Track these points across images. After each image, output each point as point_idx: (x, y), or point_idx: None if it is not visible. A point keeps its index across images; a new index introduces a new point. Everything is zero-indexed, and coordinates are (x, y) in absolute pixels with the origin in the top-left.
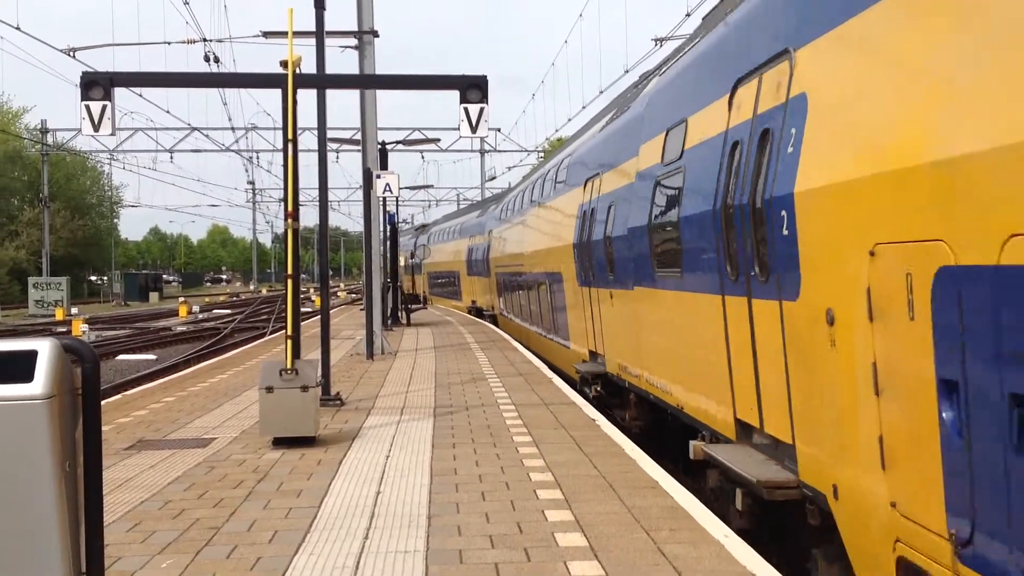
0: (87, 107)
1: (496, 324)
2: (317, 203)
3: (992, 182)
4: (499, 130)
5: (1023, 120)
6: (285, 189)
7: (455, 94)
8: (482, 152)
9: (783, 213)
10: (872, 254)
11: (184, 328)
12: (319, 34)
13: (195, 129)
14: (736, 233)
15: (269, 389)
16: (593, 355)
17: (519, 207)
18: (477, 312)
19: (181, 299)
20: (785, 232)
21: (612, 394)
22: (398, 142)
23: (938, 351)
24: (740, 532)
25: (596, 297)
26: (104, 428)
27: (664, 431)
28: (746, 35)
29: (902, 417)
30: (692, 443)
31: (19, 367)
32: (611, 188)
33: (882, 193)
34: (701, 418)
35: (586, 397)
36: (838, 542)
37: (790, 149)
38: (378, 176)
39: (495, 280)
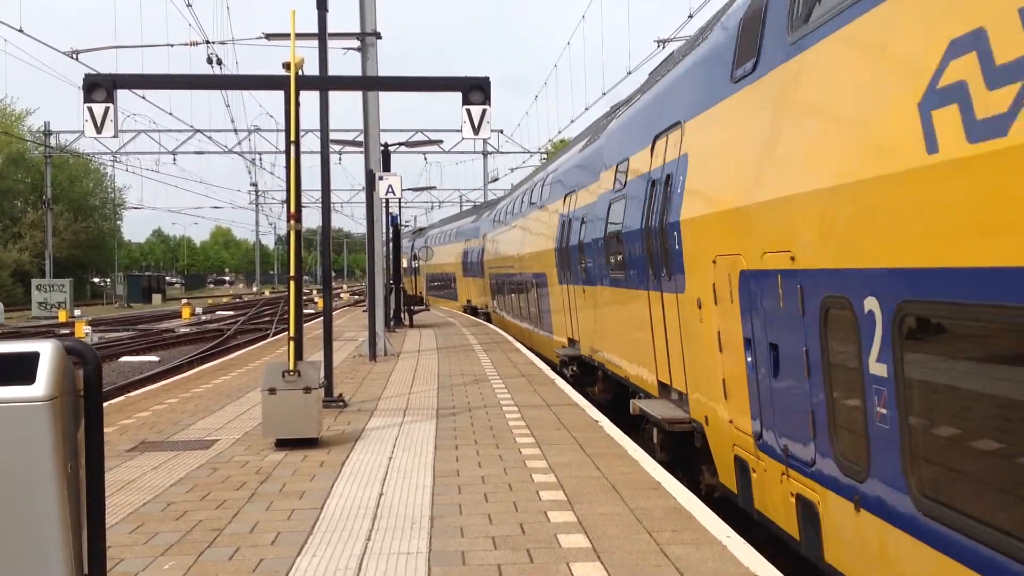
0: (90, 109)
1: (490, 321)
2: (320, 205)
3: (756, 221)
4: (502, 131)
5: (765, 188)
6: (287, 191)
7: (458, 96)
8: (485, 153)
9: (676, 233)
10: (714, 262)
11: (187, 330)
12: (321, 36)
13: (198, 131)
14: (654, 246)
15: (272, 391)
16: (571, 342)
17: (511, 214)
18: (472, 311)
19: (184, 301)
20: (677, 247)
21: (585, 373)
22: (401, 144)
23: (743, 320)
24: (662, 463)
25: (572, 293)
26: (107, 430)
27: (624, 401)
28: (663, 102)
29: (731, 364)
30: (632, 401)
31: (21, 369)
32: (582, 204)
33: (717, 224)
34: (639, 384)
35: (564, 377)
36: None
37: (679, 190)
38: (381, 178)
39: (489, 280)
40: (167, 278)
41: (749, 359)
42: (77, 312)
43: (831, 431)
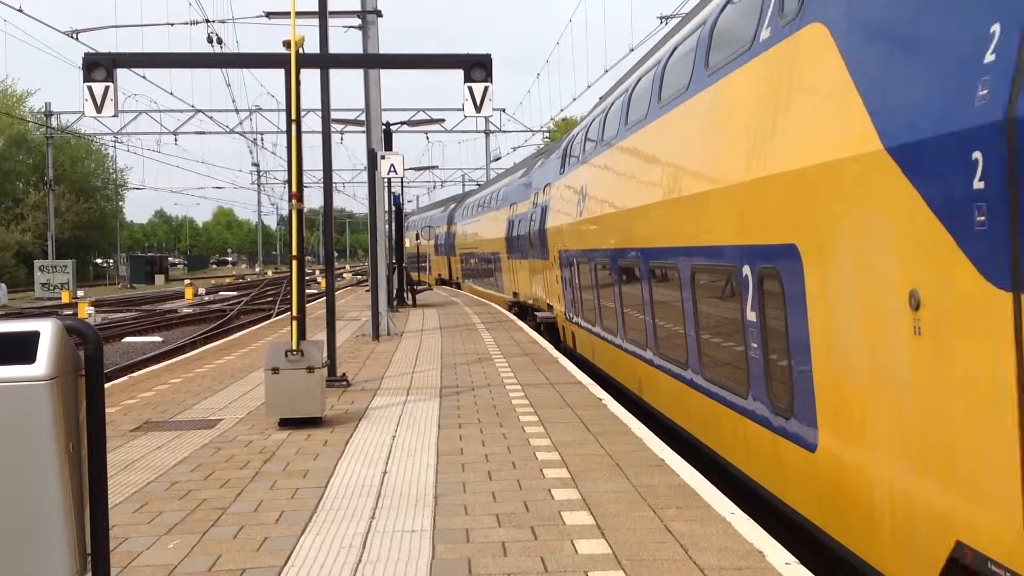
0: (90, 88)
1: (460, 287)
2: (322, 184)
3: (559, 232)
4: (504, 110)
5: (558, 221)
6: (289, 170)
7: (460, 74)
8: (487, 132)
9: (546, 234)
10: (555, 246)
11: (190, 310)
12: (322, 14)
13: (199, 111)
14: (542, 238)
15: (275, 370)
16: (514, 294)
17: (474, 210)
18: (443, 282)
19: (187, 281)
20: (547, 240)
21: (522, 311)
22: (403, 123)
23: (560, 270)
24: (552, 343)
25: (515, 264)
26: (111, 410)
27: (542, 325)
28: (549, 167)
29: (559, 289)
30: (535, 314)
31: (22, 348)
32: (520, 212)
33: (555, 232)
34: (542, 306)
35: (512, 314)
36: (561, 332)
37: (548, 214)
38: (383, 157)
39: (459, 258)
40: (170, 259)
41: (563, 286)
42: (80, 293)
43: (574, 305)
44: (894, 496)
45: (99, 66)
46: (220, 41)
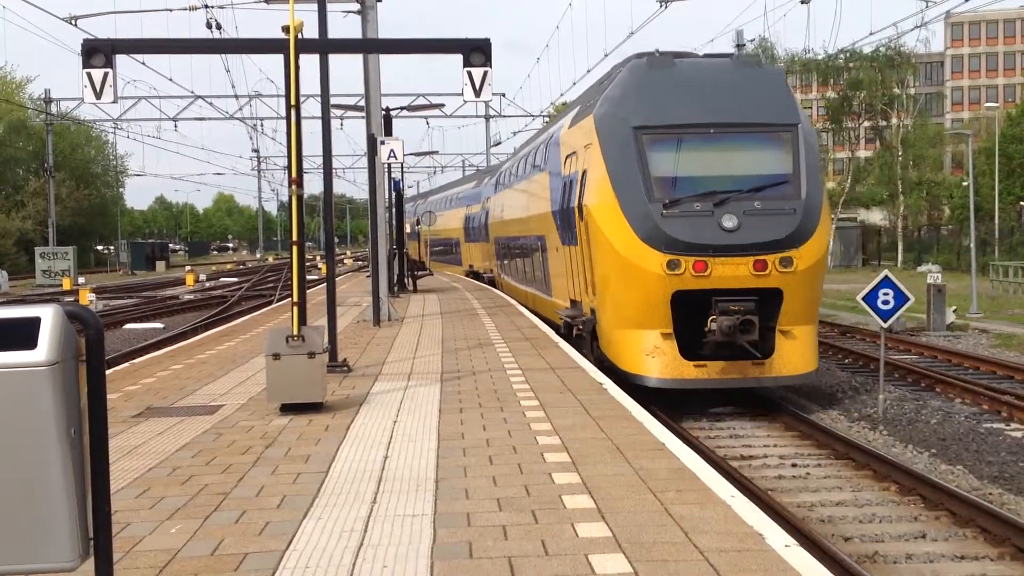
0: (89, 75)
1: (425, 267)
2: (321, 170)
3: (494, 226)
4: (503, 95)
5: (493, 218)
6: (289, 156)
7: (459, 60)
8: (487, 117)
9: (489, 228)
10: (492, 234)
11: (191, 296)
12: None
13: (199, 97)
14: (486, 229)
15: (276, 356)
16: (471, 266)
17: (439, 207)
18: (412, 264)
19: (188, 268)
20: (488, 230)
21: (477, 277)
22: (402, 108)
23: (495, 248)
24: (507, 296)
25: (471, 246)
26: (112, 396)
27: (485, 280)
28: (488, 186)
29: (496, 259)
30: (484, 276)
31: (22, 334)
32: (474, 211)
33: (493, 226)
34: (488, 272)
35: (471, 277)
36: (497, 285)
37: (489, 215)
38: (382, 142)
39: (423, 243)
40: (170, 245)
41: (496, 257)
42: (81, 280)
43: (501, 267)
44: (559, 303)
45: (98, 52)
46: (219, 27)
